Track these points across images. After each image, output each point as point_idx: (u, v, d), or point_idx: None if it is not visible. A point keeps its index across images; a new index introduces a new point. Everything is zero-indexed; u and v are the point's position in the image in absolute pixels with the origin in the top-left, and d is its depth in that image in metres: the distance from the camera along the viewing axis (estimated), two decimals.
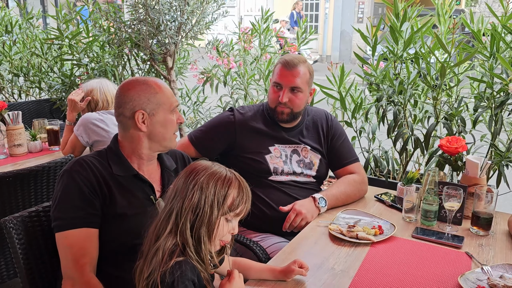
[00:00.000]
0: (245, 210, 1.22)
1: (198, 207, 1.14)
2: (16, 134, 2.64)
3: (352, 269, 1.47)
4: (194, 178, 1.16)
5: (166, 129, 1.51)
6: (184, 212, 1.14)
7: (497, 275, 1.41)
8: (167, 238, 1.14)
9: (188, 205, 1.14)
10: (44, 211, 1.53)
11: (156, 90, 1.49)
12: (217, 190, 1.16)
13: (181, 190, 1.17)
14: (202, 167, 1.19)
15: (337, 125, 2.16)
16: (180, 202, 1.15)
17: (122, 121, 1.50)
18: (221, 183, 1.17)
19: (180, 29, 3.36)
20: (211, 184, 1.16)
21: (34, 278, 1.48)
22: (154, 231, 1.17)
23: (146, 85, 1.49)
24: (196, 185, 1.15)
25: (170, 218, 1.15)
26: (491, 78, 2.24)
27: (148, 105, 1.47)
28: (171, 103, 1.52)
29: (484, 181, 1.83)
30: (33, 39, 4.28)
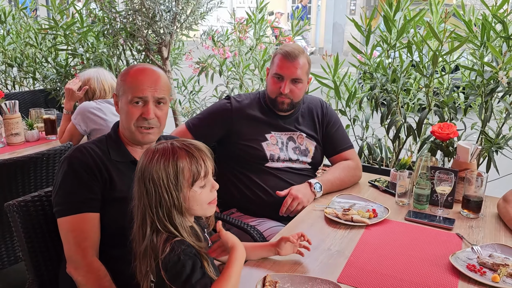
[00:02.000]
0: (209, 167, 1.18)
1: (160, 199, 1.14)
2: (13, 123, 2.65)
3: (347, 250, 1.52)
4: (143, 175, 1.15)
5: (125, 117, 1.50)
6: (152, 209, 1.14)
7: (487, 254, 1.47)
8: (152, 235, 1.14)
9: (151, 201, 1.14)
10: (46, 195, 1.56)
11: (126, 77, 1.50)
12: (168, 172, 1.13)
13: (140, 190, 1.16)
14: (147, 159, 1.16)
15: (332, 113, 2.20)
16: (144, 201, 1.15)
17: None
18: (167, 164, 1.14)
19: (175, 19, 3.38)
20: (160, 171, 1.13)
21: (38, 261, 1.51)
22: (138, 232, 1.17)
23: (126, 70, 1.53)
24: (147, 180, 1.14)
25: (144, 219, 1.16)
26: (482, 66, 2.29)
27: (118, 89, 1.53)
28: (131, 93, 1.47)
29: (474, 166, 1.88)
30: (27, 29, 4.27)
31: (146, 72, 1.50)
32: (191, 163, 1.15)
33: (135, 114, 1.47)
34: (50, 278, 1.53)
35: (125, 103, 1.49)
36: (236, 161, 2.03)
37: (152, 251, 1.13)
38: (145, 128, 1.49)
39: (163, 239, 1.12)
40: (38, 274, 1.51)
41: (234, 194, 2.03)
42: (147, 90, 1.47)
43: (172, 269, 1.09)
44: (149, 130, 1.50)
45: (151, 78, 1.49)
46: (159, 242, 1.12)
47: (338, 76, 2.88)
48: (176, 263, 1.09)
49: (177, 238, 1.13)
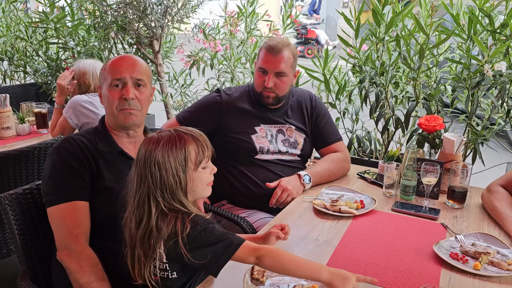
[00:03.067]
0: (210, 151, 1.27)
1: (165, 182, 1.19)
2: (4, 117, 2.65)
3: (334, 240, 1.55)
4: (148, 160, 1.20)
5: (108, 103, 1.54)
6: (156, 192, 1.19)
7: (469, 243, 1.51)
8: (157, 220, 1.19)
9: (155, 185, 1.19)
10: (37, 188, 1.57)
11: (105, 66, 1.56)
12: (176, 156, 1.20)
13: (141, 176, 1.21)
14: (151, 146, 1.21)
15: (321, 106, 2.23)
16: (147, 186, 1.20)
17: None
18: (175, 148, 1.20)
19: (166, 13, 3.38)
20: (166, 156, 1.19)
21: (30, 253, 1.53)
22: (134, 218, 1.21)
23: (106, 62, 1.59)
24: (152, 164, 1.19)
25: (144, 204, 1.20)
26: (468, 59, 2.32)
27: (100, 79, 1.58)
28: (110, 77, 1.51)
29: (460, 157, 1.92)
30: (17, 22, 4.24)
31: (124, 58, 1.57)
32: (197, 146, 1.23)
33: (115, 96, 1.51)
34: (43, 269, 1.55)
35: (105, 89, 1.53)
36: (226, 153, 2.06)
37: (159, 234, 1.18)
38: (126, 109, 1.52)
39: (179, 220, 1.18)
40: (30, 266, 1.53)
41: (225, 186, 2.06)
42: (125, 72, 1.52)
43: (201, 236, 1.17)
44: (131, 111, 1.53)
45: (129, 61, 1.55)
46: (170, 224, 1.18)
47: (329, 69, 2.90)
48: (204, 230, 1.17)
49: (192, 215, 1.19)
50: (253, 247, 1.20)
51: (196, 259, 1.16)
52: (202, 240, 1.17)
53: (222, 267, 1.18)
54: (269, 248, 1.23)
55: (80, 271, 1.35)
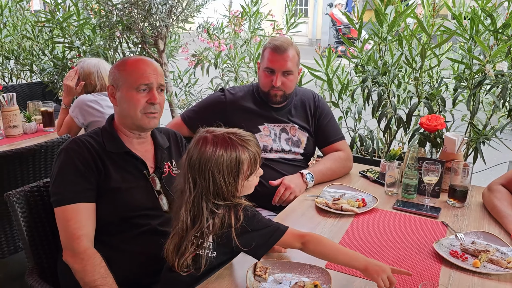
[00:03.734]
0: (260, 159, 1.33)
1: (219, 187, 1.25)
2: (11, 116, 2.69)
3: (336, 238, 1.58)
4: (205, 163, 1.24)
5: (129, 105, 1.54)
6: (208, 195, 1.25)
7: (469, 241, 1.53)
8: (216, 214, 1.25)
9: (209, 188, 1.24)
10: (45, 186, 1.61)
11: (125, 67, 1.56)
12: (230, 167, 1.25)
13: (195, 176, 1.25)
14: (208, 149, 1.25)
15: (324, 105, 2.25)
16: (201, 187, 1.25)
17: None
18: (229, 158, 1.24)
19: (171, 12, 3.41)
20: (222, 163, 1.24)
21: (38, 250, 1.57)
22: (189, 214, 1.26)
23: (122, 62, 1.59)
24: (208, 168, 1.24)
25: (198, 203, 1.25)
26: (470, 59, 2.34)
27: (116, 80, 1.57)
28: (136, 81, 1.53)
29: (461, 156, 1.94)
30: (23, 21, 4.28)
31: (145, 61, 1.58)
32: (250, 157, 1.28)
33: (142, 100, 1.53)
34: (50, 265, 1.59)
35: (127, 91, 1.54)
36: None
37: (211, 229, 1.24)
38: (151, 113, 1.56)
39: (232, 211, 1.25)
40: (37, 262, 1.56)
41: None
42: (151, 77, 1.55)
43: (251, 222, 1.25)
44: (155, 115, 1.58)
45: (152, 66, 1.57)
46: (222, 217, 1.24)
47: (332, 68, 2.92)
48: (254, 217, 1.27)
49: (243, 205, 1.27)
50: (298, 233, 1.30)
51: (243, 244, 1.24)
52: (252, 226, 1.25)
53: (267, 251, 1.29)
54: (313, 235, 1.32)
55: (83, 271, 1.38)
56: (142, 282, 1.50)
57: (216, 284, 1.30)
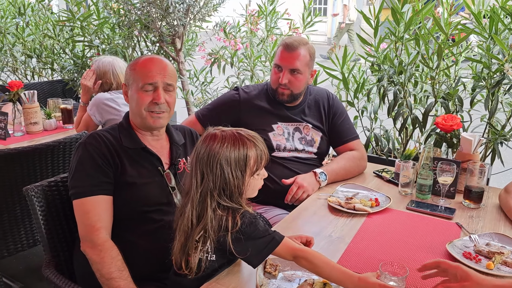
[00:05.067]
0: (267, 158, 1.32)
1: (226, 182, 1.24)
2: (32, 113, 2.76)
3: (347, 237, 1.57)
4: (213, 158, 1.24)
5: (136, 104, 1.58)
6: (214, 191, 1.25)
7: (484, 242, 1.50)
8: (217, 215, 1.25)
9: (215, 184, 1.24)
10: (62, 181, 1.65)
11: (135, 67, 1.59)
12: (237, 161, 1.25)
13: (203, 172, 1.25)
14: (216, 144, 1.25)
15: (338, 104, 2.24)
16: (208, 183, 1.25)
17: None
18: (237, 152, 1.25)
19: (188, 11, 3.44)
20: (229, 158, 1.24)
21: (55, 243, 1.61)
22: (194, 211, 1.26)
23: (134, 61, 1.63)
24: (215, 163, 1.24)
25: (204, 200, 1.25)
26: (489, 59, 2.30)
27: (127, 79, 1.62)
28: (141, 81, 1.55)
29: (477, 157, 1.91)
30: (45, 21, 4.38)
31: (154, 61, 1.60)
32: (257, 154, 1.28)
33: (146, 99, 1.56)
34: (66, 258, 1.63)
35: (135, 91, 1.57)
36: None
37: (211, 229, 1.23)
38: (156, 112, 1.58)
39: (230, 215, 1.24)
40: (54, 255, 1.61)
41: None
42: (157, 76, 1.56)
43: (248, 229, 1.23)
44: (160, 115, 1.59)
45: (160, 65, 1.59)
46: (220, 219, 1.23)
47: (348, 67, 2.91)
48: (250, 225, 1.24)
49: (242, 210, 1.26)
50: (292, 247, 1.27)
51: (238, 251, 1.23)
52: (249, 234, 1.23)
53: (262, 261, 1.26)
54: (307, 251, 1.28)
55: (101, 262, 1.41)
56: (154, 276, 1.53)
57: (226, 280, 1.31)
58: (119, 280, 1.39)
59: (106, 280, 1.40)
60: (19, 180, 2.10)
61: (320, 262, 1.25)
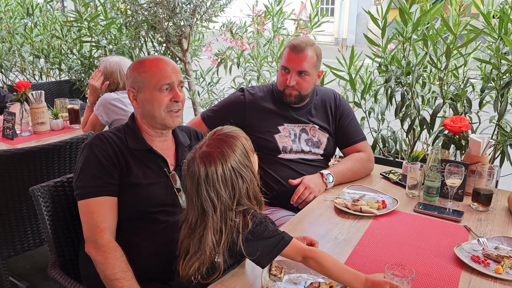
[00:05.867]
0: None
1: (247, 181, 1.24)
2: (39, 113, 2.77)
3: (354, 239, 1.56)
4: (224, 176, 1.21)
5: (152, 106, 1.56)
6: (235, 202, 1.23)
7: (492, 246, 1.48)
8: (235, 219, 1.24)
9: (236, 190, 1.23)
10: (68, 181, 1.66)
11: (144, 69, 1.57)
12: (241, 153, 1.24)
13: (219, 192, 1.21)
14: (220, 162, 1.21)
15: (345, 105, 2.22)
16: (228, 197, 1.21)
17: None
18: (236, 148, 1.24)
19: (195, 12, 3.44)
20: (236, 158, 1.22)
21: (60, 243, 1.62)
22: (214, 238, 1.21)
23: (139, 64, 1.59)
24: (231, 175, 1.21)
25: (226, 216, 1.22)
26: (498, 59, 2.27)
27: (136, 83, 1.58)
28: (158, 82, 1.55)
29: (486, 159, 1.89)
30: (53, 21, 4.41)
31: (164, 61, 1.59)
32: (245, 136, 1.30)
33: (165, 100, 1.56)
34: (71, 258, 1.64)
35: (150, 92, 1.56)
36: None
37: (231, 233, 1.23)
38: (175, 111, 1.59)
39: (241, 216, 1.24)
40: (60, 255, 1.61)
41: None
42: (172, 76, 1.57)
43: (259, 229, 1.24)
44: (177, 113, 1.61)
45: (171, 64, 1.59)
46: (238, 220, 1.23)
47: (355, 68, 2.89)
48: (260, 225, 1.24)
49: (252, 211, 1.25)
50: (301, 248, 1.28)
51: (248, 252, 1.22)
52: (257, 234, 1.23)
53: (271, 261, 1.26)
54: (316, 251, 1.28)
55: (105, 263, 1.41)
56: (159, 278, 1.53)
57: (231, 282, 1.30)
58: (123, 281, 1.39)
59: (110, 281, 1.40)
60: (26, 179, 2.11)
61: (329, 263, 1.25)
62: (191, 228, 1.25)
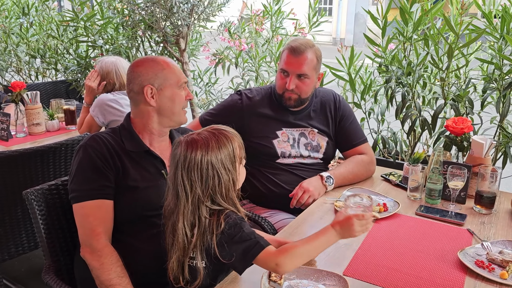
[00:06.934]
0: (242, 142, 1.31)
1: (220, 181, 1.21)
2: (34, 114, 2.73)
3: (355, 243, 1.53)
4: (200, 164, 1.20)
5: (174, 103, 1.57)
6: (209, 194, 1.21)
7: (497, 250, 1.45)
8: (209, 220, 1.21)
9: (210, 187, 1.21)
10: (62, 184, 1.62)
11: (163, 67, 1.56)
12: (227, 154, 1.22)
13: (192, 180, 1.20)
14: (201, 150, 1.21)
15: (345, 106, 2.18)
16: (200, 189, 1.20)
17: (132, 97, 1.59)
18: (224, 147, 1.23)
19: (192, 11, 3.40)
20: (219, 155, 1.21)
21: (55, 247, 1.58)
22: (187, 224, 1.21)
23: (154, 62, 1.57)
24: (206, 167, 1.20)
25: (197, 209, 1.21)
26: (500, 59, 2.24)
27: (156, 80, 1.55)
28: (179, 79, 1.58)
29: (489, 161, 1.86)
30: (49, 21, 4.37)
31: (173, 62, 1.63)
32: (239, 141, 1.28)
33: (183, 98, 1.60)
34: (66, 263, 1.60)
35: (172, 89, 1.57)
36: (248, 156, 2.05)
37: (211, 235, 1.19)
38: (186, 109, 1.64)
39: (215, 216, 1.21)
40: (54, 260, 1.57)
41: (246, 188, 2.04)
42: (184, 75, 1.63)
43: (232, 232, 1.18)
44: (185, 110, 1.64)
45: (177, 65, 1.64)
46: (211, 219, 1.20)
47: (355, 68, 2.86)
48: (235, 226, 1.19)
49: (226, 211, 1.21)
50: (274, 252, 1.19)
51: (223, 255, 1.18)
52: (231, 237, 1.18)
53: (247, 267, 1.20)
54: (284, 252, 1.20)
55: (101, 268, 1.38)
56: (156, 281, 1.49)
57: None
58: (119, 287, 1.36)
59: (105, 287, 1.37)
60: (21, 181, 2.08)
61: (300, 255, 1.20)
62: (169, 213, 1.26)
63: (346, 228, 1.20)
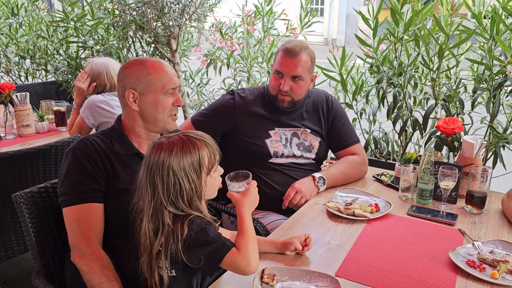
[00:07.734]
0: (219, 154, 1.29)
1: (180, 188, 1.20)
2: (24, 115, 2.70)
3: (347, 244, 1.53)
4: (161, 168, 1.19)
5: (157, 110, 1.53)
6: (170, 200, 1.20)
7: (488, 250, 1.46)
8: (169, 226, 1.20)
9: (171, 192, 1.19)
10: (52, 187, 1.59)
11: (149, 72, 1.52)
12: (191, 163, 1.21)
13: (154, 184, 1.20)
14: (164, 153, 1.20)
15: (338, 107, 2.19)
16: (162, 193, 1.19)
17: (120, 98, 1.58)
18: (189, 155, 1.21)
19: (184, 12, 3.39)
20: (182, 162, 1.20)
21: (45, 251, 1.55)
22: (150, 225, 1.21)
23: (141, 66, 1.54)
24: (167, 171, 1.19)
25: (159, 212, 1.20)
26: (490, 60, 2.26)
27: (139, 85, 1.52)
28: (164, 85, 1.52)
29: (479, 161, 1.87)
30: (39, 21, 4.32)
31: (165, 64, 1.58)
32: (209, 151, 1.24)
33: (169, 103, 1.54)
34: (56, 267, 1.57)
35: (155, 95, 1.52)
36: (239, 156, 2.05)
37: (174, 239, 1.18)
38: (175, 115, 1.58)
39: (179, 222, 1.19)
40: (44, 263, 1.55)
41: None
42: (175, 80, 1.56)
43: (198, 237, 1.17)
44: (176, 117, 1.59)
45: (170, 68, 1.58)
46: (175, 230, 1.19)
47: (346, 68, 2.87)
48: (201, 231, 1.18)
49: (190, 216, 1.20)
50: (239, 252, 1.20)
51: (190, 260, 1.17)
52: (198, 241, 1.17)
53: (215, 269, 1.19)
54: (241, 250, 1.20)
55: (91, 273, 1.36)
56: (147, 285, 1.48)
57: None
58: None
59: None
60: (10, 184, 2.05)
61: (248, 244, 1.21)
62: (135, 212, 1.26)
63: (250, 198, 1.28)
